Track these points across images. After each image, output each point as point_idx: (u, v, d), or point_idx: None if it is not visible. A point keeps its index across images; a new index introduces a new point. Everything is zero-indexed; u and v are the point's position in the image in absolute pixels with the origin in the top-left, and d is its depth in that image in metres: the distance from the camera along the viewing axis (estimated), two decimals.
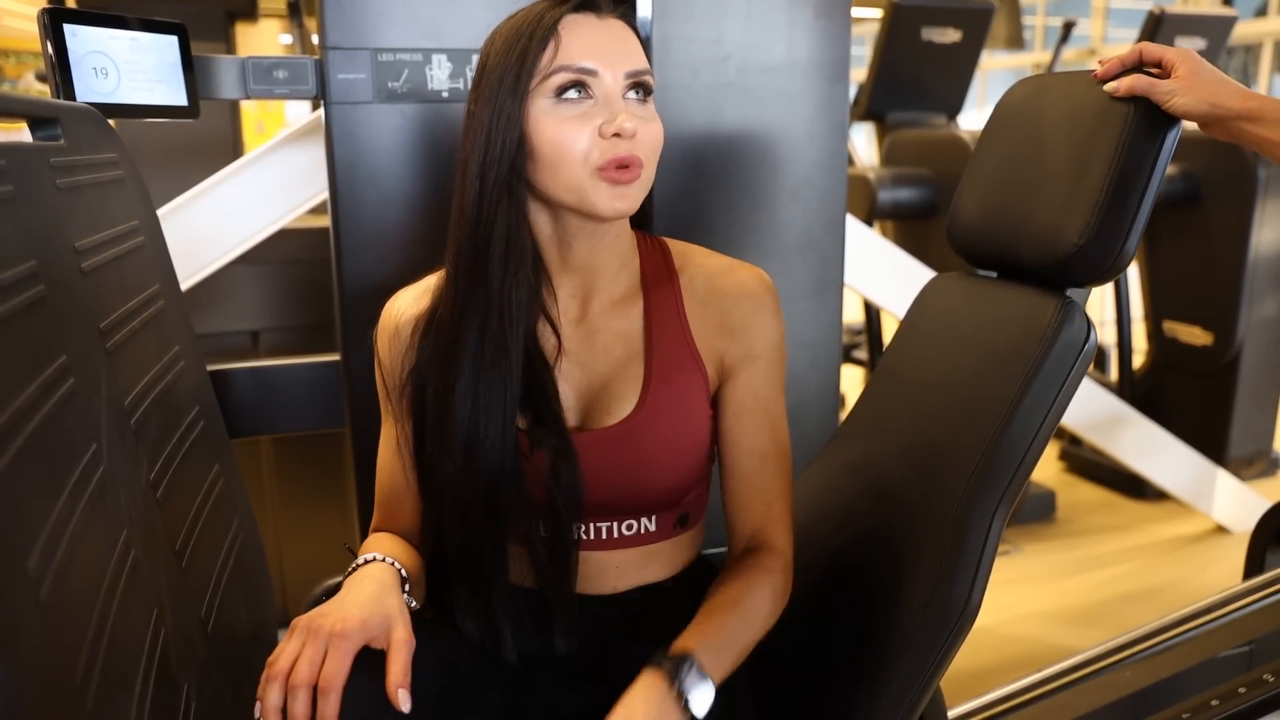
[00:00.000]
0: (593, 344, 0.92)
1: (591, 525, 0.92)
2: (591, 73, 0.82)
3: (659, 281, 0.93)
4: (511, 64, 0.82)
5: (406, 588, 0.83)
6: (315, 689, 0.71)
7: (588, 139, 0.81)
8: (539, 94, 0.82)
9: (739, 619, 0.88)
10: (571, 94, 0.82)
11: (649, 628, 0.96)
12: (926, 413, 1.01)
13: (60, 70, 1.13)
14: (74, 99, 1.15)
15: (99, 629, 0.66)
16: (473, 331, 0.86)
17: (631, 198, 0.84)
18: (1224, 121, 0.89)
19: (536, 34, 0.81)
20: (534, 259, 0.89)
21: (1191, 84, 0.86)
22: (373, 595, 0.78)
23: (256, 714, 0.71)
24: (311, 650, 0.72)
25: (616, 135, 0.81)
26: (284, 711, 0.71)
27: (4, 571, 0.54)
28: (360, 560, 0.84)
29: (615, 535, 0.93)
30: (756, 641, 0.89)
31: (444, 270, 0.91)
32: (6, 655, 0.51)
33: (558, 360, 0.90)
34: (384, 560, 0.84)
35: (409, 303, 0.93)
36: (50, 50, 1.13)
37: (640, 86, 0.85)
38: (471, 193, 0.85)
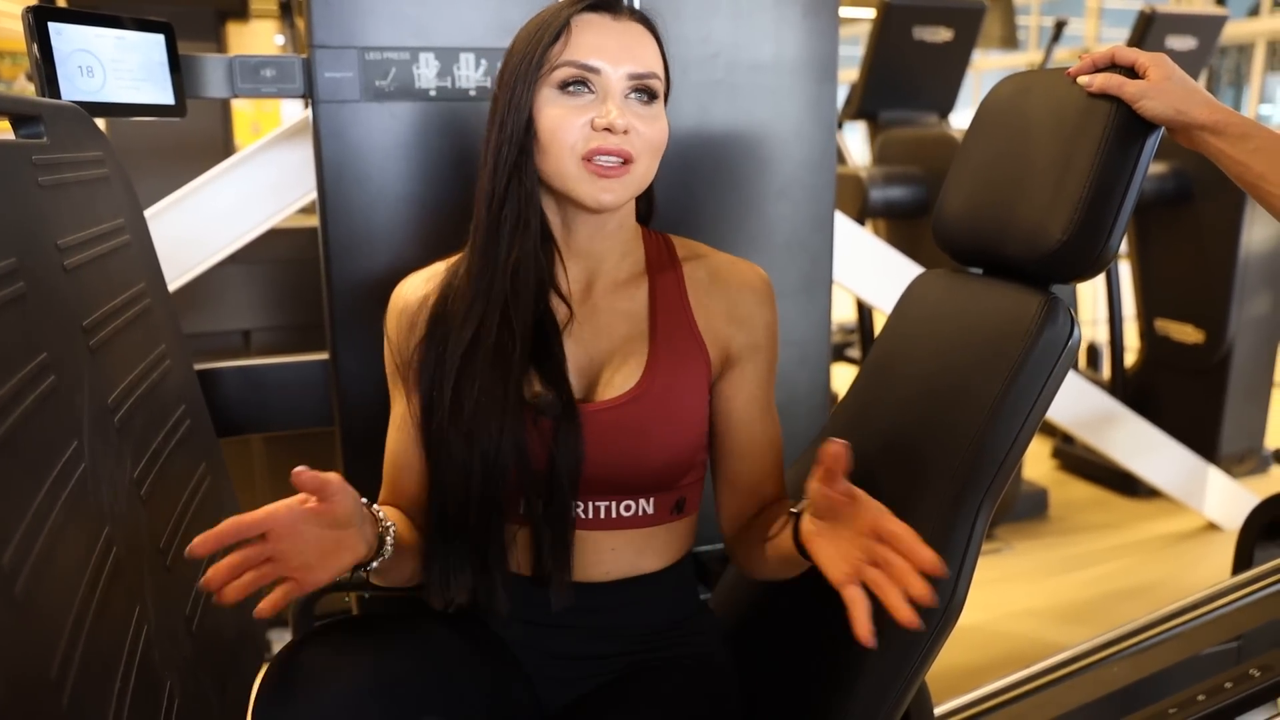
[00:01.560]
0: (596, 323, 0.95)
1: (590, 504, 0.93)
2: (594, 70, 0.87)
3: (663, 268, 0.98)
4: (527, 54, 0.88)
5: (383, 529, 0.84)
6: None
7: (579, 129, 0.86)
8: (546, 84, 0.87)
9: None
10: (574, 88, 0.87)
11: (641, 620, 0.97)
12: (911, 409, 1.02)
13: (45, 68, 1.13)
14: (59, 97, 1.15)
15: (77, 625, 0.66)
16: (481, 300, 0.91)
17: (616, 192, 0.88)
18: (1189, 130, 0.90)
19: (551, 27, 0.87)
20: (546, 237, 0.94)
21: (1162, 88, 0.87)
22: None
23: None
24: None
25: (607, 129, 0.85)
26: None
27: None
28: None
29: (613, 515, 0.94)
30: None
31: (456, 257, 0.97)
32: None
33: (566, 329, 0.94)
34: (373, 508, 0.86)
35: (419, 283, 0.98)
36: (35, 48, 1.12)
37: (643, 89, 0.89)
38: (489, 170, 0.91)
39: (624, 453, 0.91)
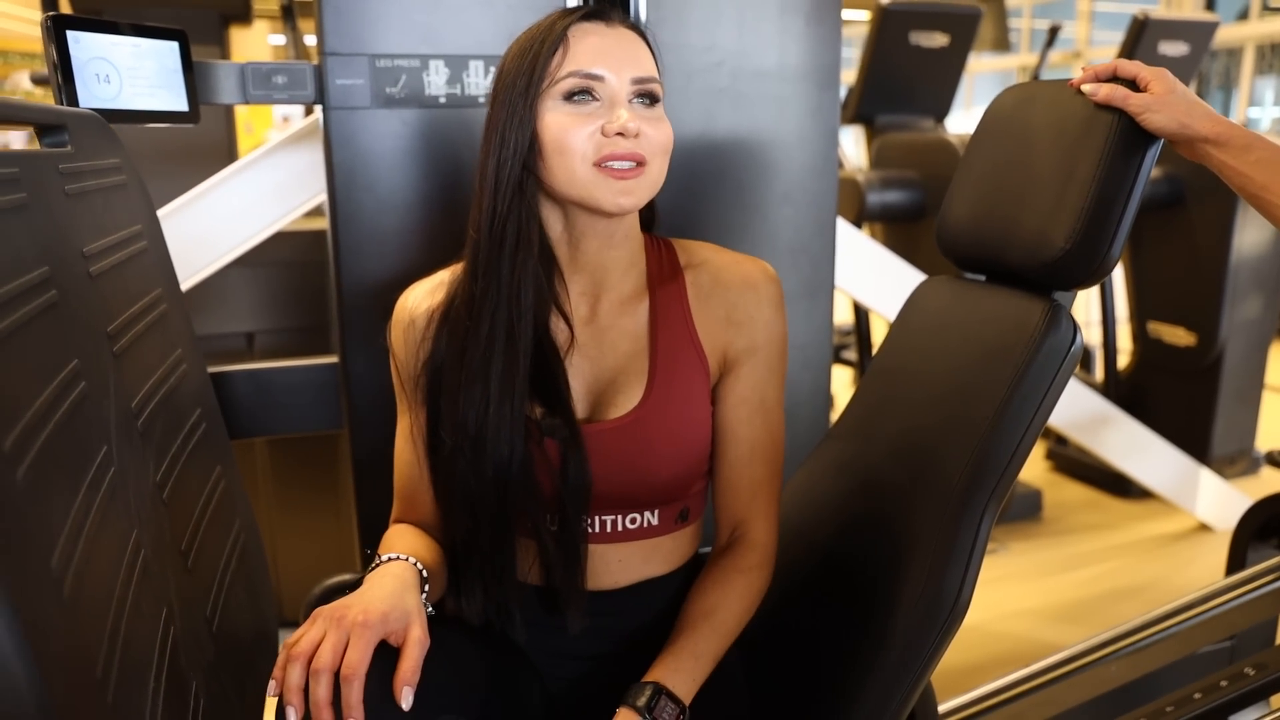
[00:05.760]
0: (601, 341, 0.95)
1: (596, 518, 0.95)
2: (597, 77, 0.87)
3: (664, 279, 0.97)
4: (524, 69, 0.87)
5: (425, 588, 0.85)
6: (336, 676, 0.72)
7: (588, 137, 0.86)
8: (549, 96, 0.87)
9: (712, 628, 0.92)
10: (579, 97, 0.87)
11: (649, 621, 0.99)
12: (916, 414, 1.03)
13: (64, 76, 1.14)
14: (77, 105, 1.16)
15: (115, 626, 0.68)
16: (485, 321, 0.90)
17: (637, 194, 0.88)
18: (1192, 143, 0.92)
19: (548, 41, 0.87)
20: (546, 254, 0.92)
21: (1165, 101, 0.89)
22: (394, 591, 0.80)
23: (271, 692, 0.73)
24: (335, 637, 0.74)
25: (619, 134, 0.85)
26: (305, 693, 0.72)
27: (31, 570, 0.56)
28: (383, 558, 0.86)
29: (619, 529, 0.95)
30: (730, 643, 0.94)
31: (459, 264, 0.95)
32: (35, 653, 0.52)
33: (569, 354, 0.93)
34: (405, 559, 0.86)
35: (423, 295, 0.97)
36: (54, 56, 1.14)
37: (646, 94, 0.89)
38: (488, 189, 0.90)
39: (629, 470, 0.92)
